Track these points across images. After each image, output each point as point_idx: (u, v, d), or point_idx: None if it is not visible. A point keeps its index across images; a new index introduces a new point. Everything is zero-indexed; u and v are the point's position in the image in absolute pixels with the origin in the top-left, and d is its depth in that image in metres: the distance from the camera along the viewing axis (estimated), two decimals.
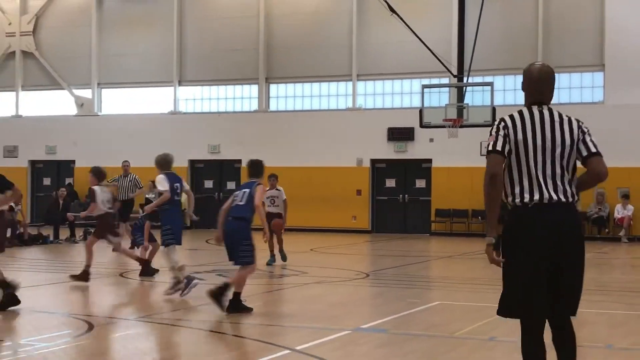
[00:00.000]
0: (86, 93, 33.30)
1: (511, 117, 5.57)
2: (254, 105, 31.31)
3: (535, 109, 5.57)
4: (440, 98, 27.83)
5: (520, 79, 24.56)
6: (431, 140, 28.60)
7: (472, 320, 10.92)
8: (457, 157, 28.52)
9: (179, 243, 13.15)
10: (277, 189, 18.05)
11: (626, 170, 26.47)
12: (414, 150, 29.00)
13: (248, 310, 11.12)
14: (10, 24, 34.24)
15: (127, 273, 16.27)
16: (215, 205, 31.26)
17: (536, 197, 5.38)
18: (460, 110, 26.09)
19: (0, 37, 34.32)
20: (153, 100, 32.44)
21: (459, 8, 27.99)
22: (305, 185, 26.90)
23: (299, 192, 25.75)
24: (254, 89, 31.37)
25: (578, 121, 5.63)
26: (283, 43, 30.73)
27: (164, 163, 13.39)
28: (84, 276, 14.18)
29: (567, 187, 5.47)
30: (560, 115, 5.58)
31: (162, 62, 32.20)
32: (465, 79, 27.51)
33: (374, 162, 30.16)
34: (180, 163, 31.43)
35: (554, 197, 5.38)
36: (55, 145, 32.65)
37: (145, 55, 32.32)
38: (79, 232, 24.43)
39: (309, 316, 11.60)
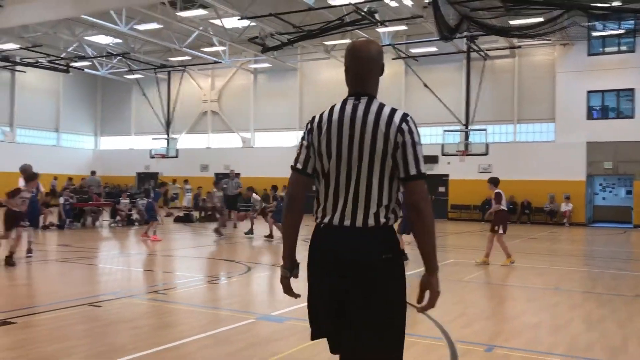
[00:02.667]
0: (247, 135, 34.12)
1: (320, 116, 2.67)
2: None
3: (349, 104, 2.61)
4: (454, 137, 27.74)
5: (503, 127, 24.49)
6: (448, 163, 28.47)
7: (475, 270, 10.84)
8: (464, 173, 28.35)
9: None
10: None
11: (568, 182, 26.03)
12: (438, 169, 28.89)
13: None
14: (204, 95, 35.47)
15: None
16: None
17: (326, 219, 2.61)
18: (466, 146, 25.97)
19: (199, 103, 35.57)
20: (285, 139, 32.96)
21: (466, 83, 27.87)
22: None
23: None
24: None
25: (403, 120, 2.54)
26: None
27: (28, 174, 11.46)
28: None
29: (370, 209, 2.54)
30: (378, 112, 2.56)
31: (289, 115, 32.77)
32: (469, 127, 27.41)
33: None
34: None
35: (344, 221, 2.56)
36: (229, 164, 33.46)
37: (281, 112, 32.95)
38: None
39: None
